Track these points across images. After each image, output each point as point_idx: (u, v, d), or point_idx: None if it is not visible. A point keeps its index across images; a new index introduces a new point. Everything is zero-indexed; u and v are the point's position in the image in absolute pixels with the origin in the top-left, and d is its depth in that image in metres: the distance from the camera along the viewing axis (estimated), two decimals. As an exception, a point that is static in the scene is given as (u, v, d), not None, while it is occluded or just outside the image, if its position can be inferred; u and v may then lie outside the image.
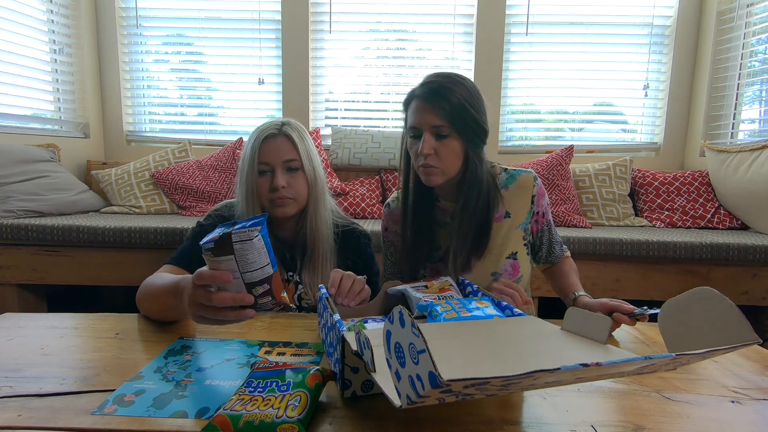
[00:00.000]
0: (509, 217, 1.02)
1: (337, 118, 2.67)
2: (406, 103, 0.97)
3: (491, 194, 0.99)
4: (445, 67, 2.61)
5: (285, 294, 0.66)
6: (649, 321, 0.79)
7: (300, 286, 1.03)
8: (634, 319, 0.79)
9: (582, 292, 1.00)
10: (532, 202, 1.03)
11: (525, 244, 1.05)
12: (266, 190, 0.97)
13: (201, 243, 0.62)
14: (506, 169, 1.05)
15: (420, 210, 1.03)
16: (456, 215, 0.99)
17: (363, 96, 2.68)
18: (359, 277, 0.84)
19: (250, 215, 0.97)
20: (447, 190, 1.03)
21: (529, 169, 1.05)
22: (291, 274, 1.04)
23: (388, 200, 1.12)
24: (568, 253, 1.15)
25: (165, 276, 0.84)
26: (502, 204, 1.02)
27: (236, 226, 0.61)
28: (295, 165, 0.98)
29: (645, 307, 0.78)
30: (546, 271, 1.15)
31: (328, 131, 2.63)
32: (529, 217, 1.04)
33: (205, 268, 0.63)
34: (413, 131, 0.94)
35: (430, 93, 0.91)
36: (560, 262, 1.12)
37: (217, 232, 0.62)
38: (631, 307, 0.80)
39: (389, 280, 1.07)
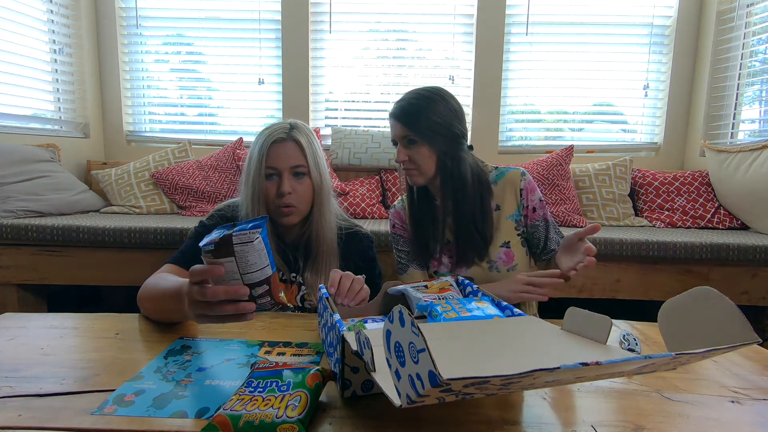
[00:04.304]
0: (499, 209, 1.13)
1: (337, 118, 2.67)
2: (389, 120, 1.12)
3: (483, 190, 1.09)
4: (445, 67, 2.61)
5: (282, 293, 0.66)
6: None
7: (303, 288, 1.03)
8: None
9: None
10: (521, 196, 1.12)
11: (518, 234, 1.13)
12: (272, 194, 0.98)
13: (200, 245, 0.61)
14: (497, 167, 1.16)
15: (420, 209, 1.14)
16: (445, 211, 1.10)
17: (363, 96, 2.68)
18: (358, 276, 0.84)
19: (254, 217, 0.98)
20: (438, 189, 1.13)
21: (518, 167, 1.15)
22: (294, 275, 1.04)
23: (395, 202, 1.24)
24: None
25: (167, 278, 0.84)
26: (492, 198, 1.12)
27: (237, 228, 0.61)
28: (302, 171, 0.99)
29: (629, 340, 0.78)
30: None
31: (328, 131, 2.63)
32: (519, 209, 1.13)
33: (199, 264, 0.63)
34: (393, 143, 1.11)
35: (399, 110, 1.06)
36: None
37: (216, 234, 0.61)
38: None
39: (401, 270, 1.18)
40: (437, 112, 1.04)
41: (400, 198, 1.23)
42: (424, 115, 1.03)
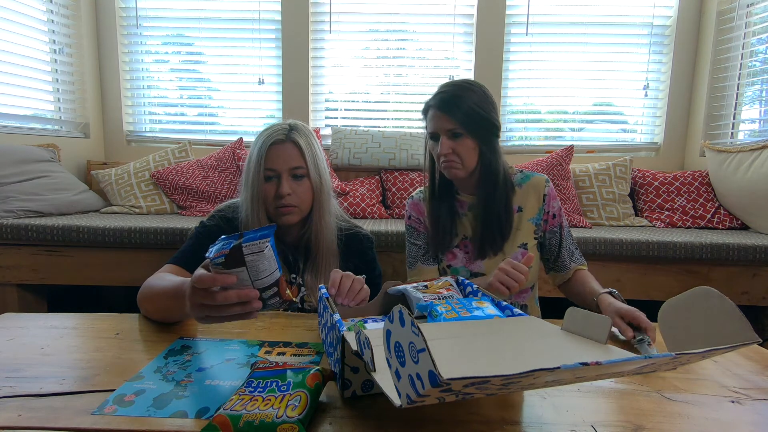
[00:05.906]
0: (521, 211, 1.15)
1: (337, 118, 2.67)
2: (424, 112, 1.11)
3: (508, 187, 1.11)
4: (445, 67, 2.61)
5: (288, 291, 0.67)
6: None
7: (303, 289, 1.03)
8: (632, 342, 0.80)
9: (603, 291, 0.97)
10: (544, 201, 1.14)
11: (535, 238, 1.15)
12: (271, 196, 0.98)
13: (209, 256, 0.61)
14: (522, 170, 1.18)
15: (441, 202, 1.15)
16: (479, 203, 1.10)
17: (363, 96, 2.68)
18: (358, 276, 0.84)
19: (255, 219, 0.99)
20: (466, 184, 1.15)
21: (542, 174, 1.17)
22: (294, 276, 1.04)
23: (414, 193, 1.24)
24: (585, 267, 1.14)
25: (167, 277, 0.84)
26: (516, 199, 1.13)
27: (245, 238, 0.61)
28: (301, 172, 0.99)
29: (644, 339, 0.78)
30: (563, 286, 1.16)
31: (328, 131, 2.63)
32: (540, 213, 1.14)
33: (203, 271, 0.62)
34: (432, 136, 1.09)
35: (442, 102, 1.05)
36: (575, 275, 1.12)
37: (222, 245, 0.61)
38: (649, 323, 0.80)
39: (410, 264, 1.19)
40: (477, 102, 1.04)
41: (419, 189, 1.23)
42: (467, 104, 1.03)
